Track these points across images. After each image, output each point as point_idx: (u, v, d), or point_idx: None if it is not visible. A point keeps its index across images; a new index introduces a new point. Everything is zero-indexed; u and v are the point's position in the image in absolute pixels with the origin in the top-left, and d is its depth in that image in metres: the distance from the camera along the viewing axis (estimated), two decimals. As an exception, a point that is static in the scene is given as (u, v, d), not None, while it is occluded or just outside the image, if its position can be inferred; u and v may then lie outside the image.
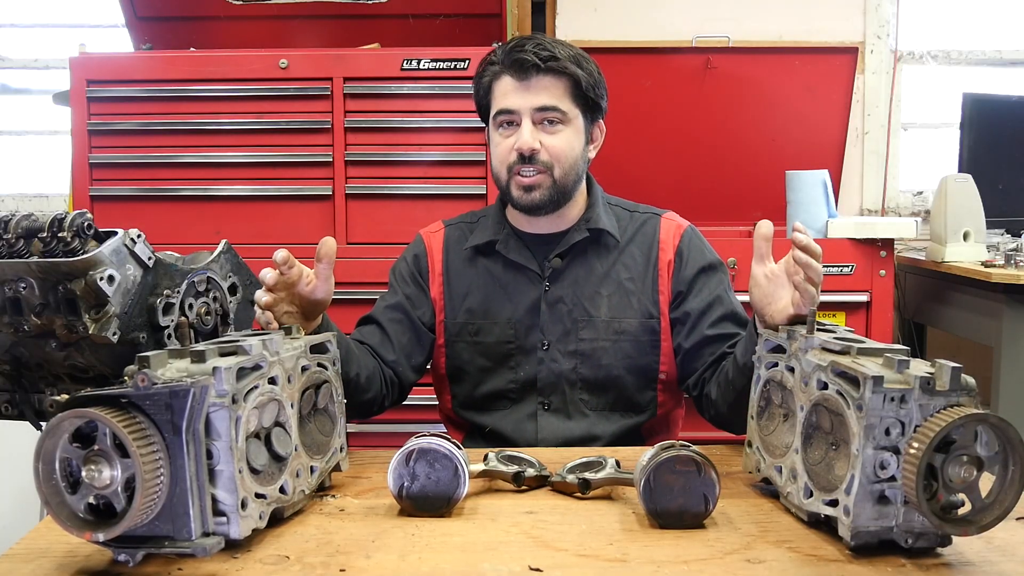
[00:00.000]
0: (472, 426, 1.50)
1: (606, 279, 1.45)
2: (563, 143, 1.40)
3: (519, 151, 1.38)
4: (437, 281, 1.51)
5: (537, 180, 1.39)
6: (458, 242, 1.52)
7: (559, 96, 1.39)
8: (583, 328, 1.44)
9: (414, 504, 0.99)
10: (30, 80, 3.25)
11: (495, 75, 1.42)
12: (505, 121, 1.41)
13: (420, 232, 1.58)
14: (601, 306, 1.44)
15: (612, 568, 0.85)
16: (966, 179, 2.49)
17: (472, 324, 1.47)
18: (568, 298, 1.45)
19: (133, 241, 1.05)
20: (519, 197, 1.41)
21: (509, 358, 1.45)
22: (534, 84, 1.38)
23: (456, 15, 2.49)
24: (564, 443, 1.41)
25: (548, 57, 1.37)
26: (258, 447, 0.92)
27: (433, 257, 1.52)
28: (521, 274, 1.47)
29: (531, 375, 1.44)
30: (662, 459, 0.95)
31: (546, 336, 1.44)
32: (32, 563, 0.87)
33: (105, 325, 1.01)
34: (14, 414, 1.18)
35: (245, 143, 2.27)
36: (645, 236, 1.49)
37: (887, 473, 0.85)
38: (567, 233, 1.46)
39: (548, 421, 1.44)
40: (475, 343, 1.47)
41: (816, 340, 0.98)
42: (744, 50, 2.73)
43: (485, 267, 1.49)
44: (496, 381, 1.46)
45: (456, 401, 1.51)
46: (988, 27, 3.17)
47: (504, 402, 1.46)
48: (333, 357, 1.10)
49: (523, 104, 1.38)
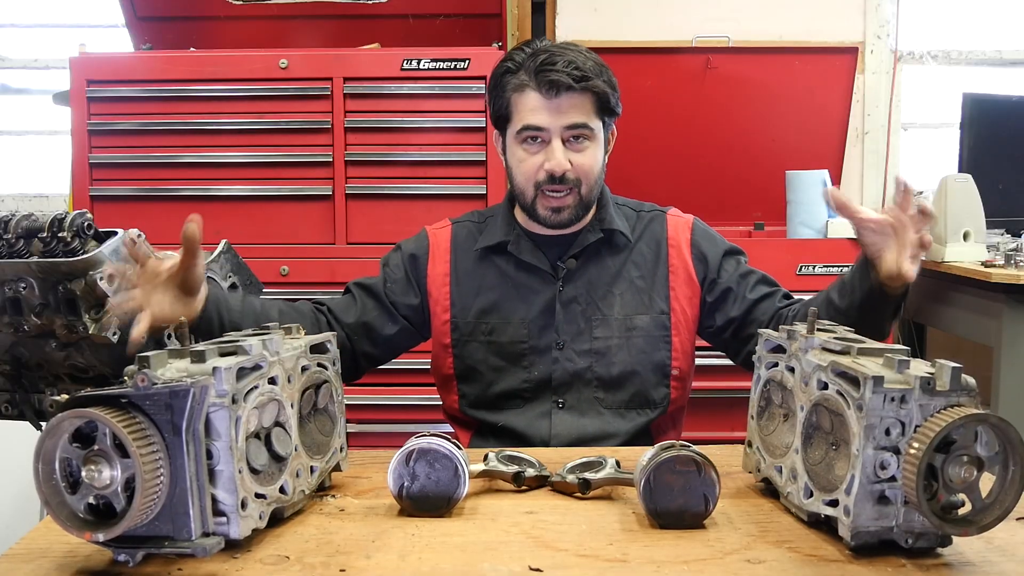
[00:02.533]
0: (481, 425, 1.50)
1: (618, 278, 1.47)
2: (590, 160, 1.40)
3: (550, 172, 1.38)
4: (444, 281, 1.50)
5: (566, 201, 1.40)
6: (466, 240, 1.52)
7: (587, 113, 1.38)
8: (597, 327, 1.45)
9: (414, 504, 0.99)
10: (30, 80, 3.26)
11: (519, 88, 1.39)
12: (531, 137, 1.39)
13: (426, 228, 1.57)
14: (614, 305, 1.45)
15: (612, 568, 0.85)
16: (966, 179, 2.49)
17: (486, 323, 1.47)
18: (582, 298, 1.46)
19: (133, 241, 1.05)
20: (547, 217, 1.42)
21: (523, 357, 1.46)
22: (564, 103, 1.36)
23: (456, 15, 2.49)
24: (578, 441, 1.41)
25: (581, 77, 1.35)
26: (258, 447, 0.92)
27: (438, 256, 1.51)
28: (534, 275, 1.47)
29: (545, 374, 1.45)
30: (662, 459, 0.95)
31: (561, 336, 1.45)
32: (32, 563, 0.87)
33: (105, 325, 1.01)
34: (14, 414, 1.18)
35: (245, 143, 2.27)
36: (653, 233, 1.50)
37: (887, 473, 0.85)
38: (580, 234, 1.47)
39: (562, 419, 1.44)
40: (489, 342, 1.47)
41: (816, 340, 0.98)
42: (744, 50, 2.74)
43: (496, 267, 1.49)
44: (510, 380, 1.46)
45: (466, 401, 1.50)
46: (988, 27, 3.17)
47: (517, 401, 1.46)
48: (333, 357, 1.10)
49: (554, 123, 1.37)
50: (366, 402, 2.30)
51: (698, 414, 1.59)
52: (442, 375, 1.53)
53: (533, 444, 1.42)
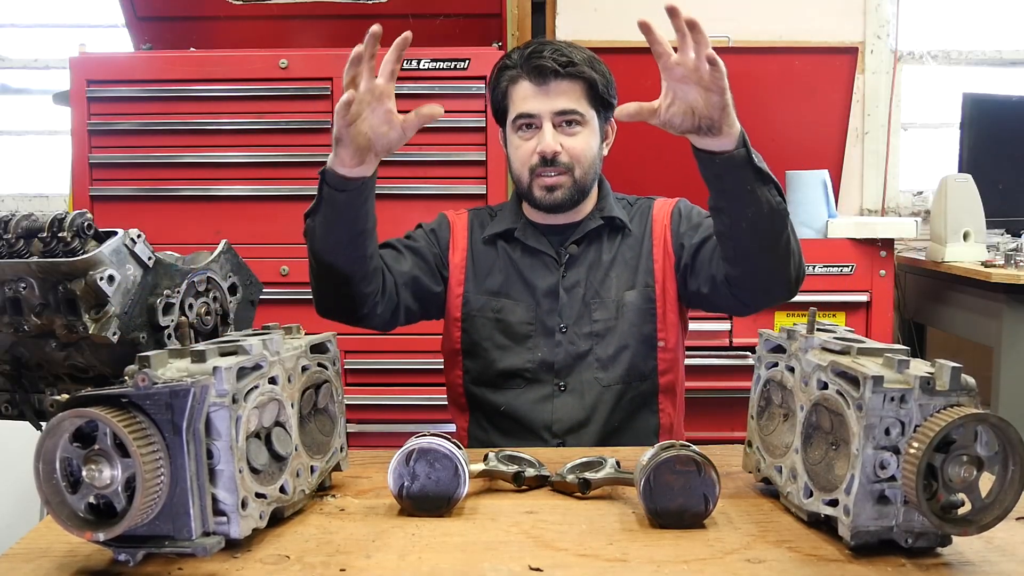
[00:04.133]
0: (481, 405, 1.52)
1: (614, 261, 1.52)
2: (582, 144, 1.45)
3: (541, 154, 1.44)
4: (461, 255, 1.54)
5: (559, 180, 1.45)
6: (480, 227, 1.58)
7: (577, 99, 1.44)
8: (596, 309, 1.49)
9: (414, 504, 0.99)
10: (30, 80, 3.25)
11: (512, 79, 1.47)
12: (525, 124, 1.46)
13: (443, 212, 1.62)
14: (611, 287, 1.50)
15: (612, 568, 0.85)
16: (966, 179, 2.49)
17: (496, 300, 1.51)
18: (583, 282, 1.50)
19: (133, 241, 1.05)
20: (542, 197, 1.46)
21: (527, 339, 1.49)
22: (553, 88, 1.43)
23: (456, 15, 2.49)
24: (578, 423, 1.45)
25: (567, 63, 1.42)
26: (258, 447, 0.92)
27: (457, 233, 1.57)
28: (538, 260, 1.52)
29: (549, 357, 1.48)
30: (662, 459, 0.95)
31: (564, 320, 1.49)
32: (32, 563, 0.87)
33: (105, 325, 1.01)
34: (14, 414, 1.18)
35: (245, 143, 2.27)
36: (642, 216, 1.56)
37: (887, 473, 0.85)
38: (582, 223, 1.53)
39: (564, 402, 1.47)
40: (497, 320, 1.50)
41: (816, 340, 0.98)
42: (744, 50, 2.73)
43: (505, 251, 1.54)
44: (513, 359, 1.49)
45: (468, 376, 1.53)
46: (988, 27, 3.17)
47: (519, 381, 1.49)
48: (333, 357, 1.10)
49: (543, 108, 1.43)
50: (366, 402, 2.30)
51: (698, 414, 1.59)
52: (450, 350, 1.56)
53: (533, 428, 1.46)
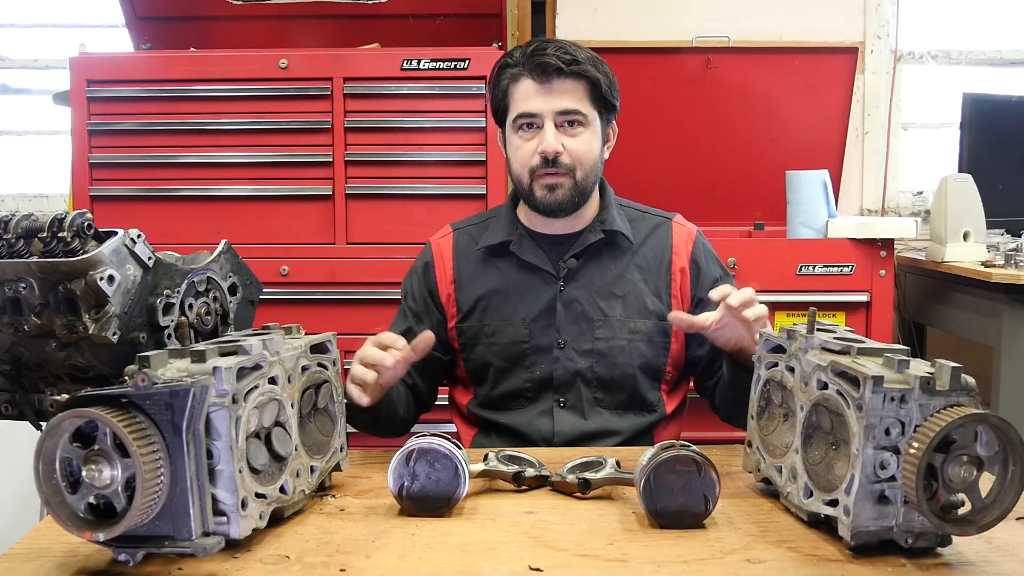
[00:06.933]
0: (486, 423, 1.50)
1: (620, 280, 1.47)
2: (584, 145, 1.41)
3: (543, 154, 1.39)
4: (450, 288, 1.51)
5: (560, 180, 1.41)
6: (468, 246, 1.53)
7: (579, 99, 1.40)
8: (599, 327, 1.45)
9: (414, 504, 0.99)
10: (30, 80, 3.25)
11: (514, 78, 1.42)
12: (526, 124, 1.42)
13: (430, 239, 1.58)
14: (616, 306, 1.46)
15: (612, 568, 0.85)
16: (966, 179, 2.49)
17: (488, 326, 1.48)
18: (583, 298, 1.46)
19: (133, 241, 1.05)
20: (543, 197, 1.42)
21: (524, 357, 1.46)
22: (556, 87, 1.39)
23: (456, 15, 2.49)
24: (579, 439, 1.42)
25: (570, 60, 1.38)
26: (258, 447, 0.92)
27: (443, 264, 1.52)
28: (535, 275, 1.48)
29: (547, 373, 1.45)
30: (662, 459, 0.95)
31: (562, 335, 1.45)
32: (32, 563, 0.87)
33: (105, 325, 1.01)
34: (14, 414, 1.18)
35: (245, 143, 2.27)
36: (658, 239, 1.51)
37: (887, 473, 0.85)
38: (582, 234, 1.48)
39: (564, 417, 1.45)
40: (491, 344, 1.47)
41: (816, 340, 0.98)
42: (744, 50, 2.73)
43: (497, 268, 1.50)
44: (513, 381, 1.47)
45: (476, 401, 1.52)
46: (988, 27, 3.17)
47: (521, 401, 1.47)
48: (333, 357, 1.10)
49: (545, 107, 1.39)
50: (366, 402, 2.30)
51: (698, 414, 1.59)
52: (457, 377, 1.55)
53: (535, 442, 1.43)
